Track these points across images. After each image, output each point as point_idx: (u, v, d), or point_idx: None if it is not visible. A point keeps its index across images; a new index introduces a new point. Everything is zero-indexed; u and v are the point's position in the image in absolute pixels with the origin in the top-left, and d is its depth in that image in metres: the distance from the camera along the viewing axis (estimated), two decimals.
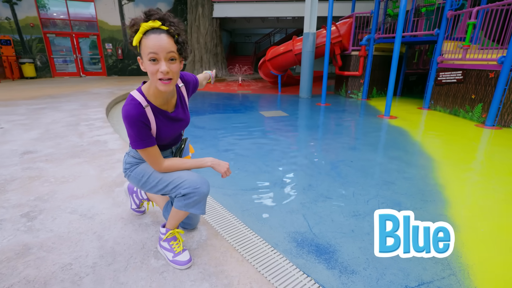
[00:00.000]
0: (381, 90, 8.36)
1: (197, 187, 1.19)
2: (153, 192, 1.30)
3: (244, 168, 2.89)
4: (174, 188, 1.22)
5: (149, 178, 1.27)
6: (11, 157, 2.69)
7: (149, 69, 1.07)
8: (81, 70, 13.10)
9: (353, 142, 3.91)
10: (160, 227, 1.38)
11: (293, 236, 1.78)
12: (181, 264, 1.28)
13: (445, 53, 5.93)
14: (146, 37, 1.04)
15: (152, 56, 1.05)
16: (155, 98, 1.18)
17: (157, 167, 1.24)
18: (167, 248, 1.34)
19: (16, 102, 5.71)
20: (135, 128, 1.13)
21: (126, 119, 1.12)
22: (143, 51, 1.06)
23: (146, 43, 1.04)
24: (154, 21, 1.03)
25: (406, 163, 3.07)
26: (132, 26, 1.04)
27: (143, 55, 1.07)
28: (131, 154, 1.34)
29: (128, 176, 1.34)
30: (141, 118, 1.13)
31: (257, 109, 6.36)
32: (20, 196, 1.92)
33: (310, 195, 2.34)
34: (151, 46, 1.04)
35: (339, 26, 7.91)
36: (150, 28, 1.03)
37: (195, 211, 1.23)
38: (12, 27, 11.48)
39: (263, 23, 14.67)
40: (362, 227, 1.89)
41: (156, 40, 1.03)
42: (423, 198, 2.30)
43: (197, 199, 1.21)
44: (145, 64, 1.08)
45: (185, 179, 1.21)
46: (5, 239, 1.47)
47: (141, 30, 1.03)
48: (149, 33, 1.04)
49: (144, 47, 1.05)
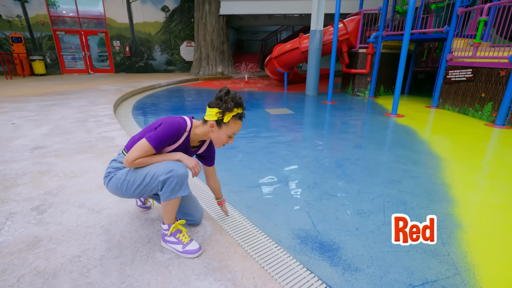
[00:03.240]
0: (389, 88, 8.27)
1: (171, 170, 1.26)
2: (132, 193, 1.34)
3: (250, 165, 2.90)
4: (152, 178, 1.28)
5: (127, 176, 1.33)
6: (22, 152, 2.75)
7: (222, 139, 1.37)
8: (89, 67, 13.28)
9: (359, 140, 3.88)
10: (162, 224, 1.41)
11: (297, 233, 1.79)
12: (193, 252, 1.35)
13: (455, 50, 5.82)
14: (234, 121, 1.33)
15: (233, 135, 1.38)
16: (194, 134, 1.41)
17: (131, 158, 1.28)
18: (174, 241, 1.37)
19: (27, 99, 5.83)
20: (169, 133, 1.30)
21: (172, 123, 1.32)
22: (228, 129, 1.34)
23: (234, 127, 1.35)
24: (241, 109, 1.33)
25: (413, 162, 3.04)
26: (227, 106, 1.29)
27: (226, 129, 1.34)
28: (119, 160, 1.43)
29: (110, 179, 1.38)
30: (178, 134, 1.34)
31: (263, 106, 6.36)
32: (31, 190, 1.97)
33: (314, 192, 2.34)
34: (237, 129, 1.37)
35: (346, 23, 7.83)
36: (237, 113, 1.32)
37: (181, 193, 1.30)
38: (23, 24, 11.69)
39: (270, 20, 14.62)
40: (367, 225, 1.89)
41: (240, 126, 1.37)
42: (430, 198, 2.28)
43: (178, 181, 1.27)
44: (221, 133, 1.35)
45: (159, 167, 1.29)
46: (17, 231, 1.51)
47: (233, 114, 1.31)
48: (236, 118, 1.33)
49: (232, 128, 1.35)
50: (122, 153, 1.43)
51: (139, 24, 13.50)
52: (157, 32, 13.87)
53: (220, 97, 1.30)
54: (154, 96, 7.52)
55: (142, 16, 13.47)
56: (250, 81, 11.61)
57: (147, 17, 13.57)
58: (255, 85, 10.54)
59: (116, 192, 1.38)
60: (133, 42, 13.58)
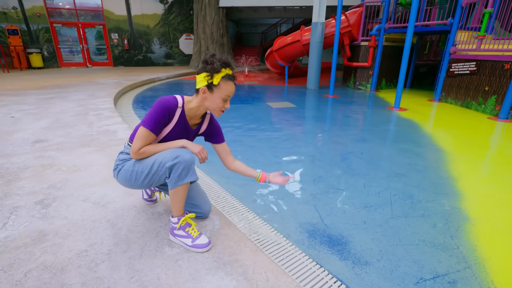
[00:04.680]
0: (390, 82, 8.21)
1: (177, 155, 1.25)
2: (141, 183, 1.33)
3: (253, 159, 2.88)
4: (159, 166, 1.27)
5: (135, 166, 1.32)
6: (23, 146, 2.71)
7: (218, 103, 1.31)
8: (87, 60, 13.12)
9: (363, 134, 3.86)
10: (171, 218, 1.39)
11: (305, 227, 1.77)
12: (202, 247, 1.32)
13: (459, 43, 5.76)
14: (225, 82, 1.28)
15: (227, 98, 1.32)
16: (189, 110, 1.36)
17: (135, 148, 1.28)
18: (183, 235, 1.35)
19: (25, 92, 5.75)
20: (160, 112, 1.26)
21: (160, 102, 1.27)
22: (220, 91, 1.29)
23: (226, 88, 1.29)
24: (229, 69, 1.28)
25: (418, 156, 3.03)
26: (215, 67, 1.25)
27: (218, 92, 1.29)
28: (125, 151, 1.41)
29: (119, 171, 1.37)
30: (170, 110, 1.28)
31: (264, 100, 6.31)
32: (34, 184, 1.94)
33: (320, 186, 2.32)
34: (230, 91, 1.31)
35: (348, 16, 7.73)
36: (226, 74, 1.27)
37: (188, 179, 1.28)
38: (19, 16, 11.49)
39: (270, 12, 14.43)
40: (374, 219, 1.87)
41: (232, 87, 1.32)
42: (436, 191, 2.27)
43: (184, 167, 1.26)
44: (214, 98, 1.30)
45: (165, 154, 1.28)
46: (22, 225, 1.49)
47: (222, 75, 1.26)
48: (226, 79, 1.28)
49: (223, 90, 1.29)
50: (128, 144, 1.41)
51: (137, 17, 13.30)
52: (155, 25, 13.68)
53: (206, 60, 1.26)
54: (154, 90, 7.44)
55: (141, 8, 13.26)
56: (250, 74, 11.52)
57: (146, 9, 13.36)
58: (255, 78, 10.45)
59: (126, 184, 1.37)
60: (131, 35, 13.40)
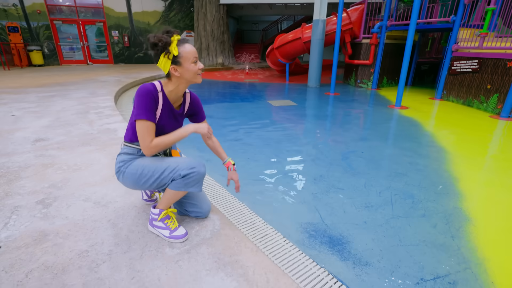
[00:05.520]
0: (392, 80, 8.18)
1: (194, 166, 1.29)
2: (149, 185, 1.34)
3: (254, 158, 2.88)
4: (171, 172, 1.29)
5: (144, 169, 1.32)
6: (23, 144, 2.71)
7: (193, 69, 1.29)
8: (88, 57, 13.09)
9: (364, 132, 3.85)
10: (152, 208, 1.43)
11: (305, 227, 1.77)
12: (179, 238, 1.38)
13: (461, 41, 5.72)
14: (182, 46, 1.25)
15: (195, 59, 1.29)
16: (169, 92, 1.34)
17: (146, 142, 1.27)
18: (162, 226, 1.40)
19: (26, 90, 5.75)
20: (145, 99, 1.25)
21: (140, 91, 1.25)
22: (186, 57, 1.26)
23: (187, 51, 1.26)
24: (176, 35, 1.24)
25: (419, 155, 3.02)
26: (164, 42, 1.21)
27: (185, 60, 1.26)
28: (123, 152, 1.39)
29: (123, 173, 1.36)
30: (154, 94, 1.27)
31: (265, 98, 6.29)
32: (35, 183, 1.94)
33: (321, 185, 2.32)
34: (192, 51, 1.28)
35: (350, 13, 7.68)
36: (177, 40, 1.24)
37: (194, 189, 1.33)
38: (19, 14, 11.45)
39: (271, 9, 14.34)
40: (375, 219, 1.87)
41: (191, 47, 1.28)
42: (437, 191, 2.26)
43: (197, 178, 1.31)
44: (186, 67, 1.27)
45: (181, 162, 1.31)
46: (23, 225, 1.49)
47: (175, 43, 1.22)
48: (181, 43, 1.25)
49: (187, 54, 1.26)
50: (124, 145, 1.40)
51: (137, 14, 13.25)
52: (156, 22, 13.63)
53: (152, 44, 1.22)
54: None
55: (141, 5, 13.20)
56: (251, 72, 11.48)
57: (146, 6, 13.29)
58: (256, 76, 10.42)
59: (132, 186, 1.38)
60: (132, 32, 13.35)
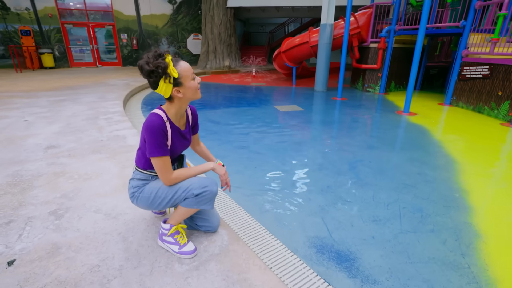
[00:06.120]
0: (400, 84, 8.10)
1: (206, 185, 1.33)
2: (163, 206, 1.39)
3: (261, 167, 2.88)
4: (184, 191, 1.33)
5: (158, 192, 1.37)
6: (36, 152, 2.78)
7: (193, 86, 1.30)
8: (97, 60, 13.30)
9: (371, 140, 3.82)
10: (162, 223, 1.46)
11: (313, 241, 1.77)
12: (188, 254, 1.40)
13: (471, 46, 5.64)
14: (179, 66, 1.25)
15: (193, 75, 1.30)
16: (174, 115, 1.35)
17: (167, 177, 1.32)
18: (171, 242, 1.43)
19: (37, 94, 5.87)
20: (157, 136, 1.26)
21: (149, 127, 1.26)
22: (186, 75, 1.26)
23: (185, 70, 1.26)
24: (167, 55, 1.23)
25: (427, 165, 2.99)
26: (163, 67, 1.19)
27: (185, 79, 1.26)
28: (136, 178, 1.43)
29: (137, 198, 1.41)
30: (162, 128, 1.28)
31: (272, 103, 6.30)
32: (47, 193, 1.99)
33: (328, 197, 2.32)
34: (189, 68, 1.28)
35: (358, 17, 7.65)
36: (172, 60, 1.24)
37: (206, 207, 1.38)
38: (31, 17, 11.71)
39: (278, 12, 14.36)
40: (383, 234, 1.86)
41: (187, 64, 1.28)
42: (446, 204, 2.24)
43: (209, 197, 1.35)
44: (187, 86, 1.27)
45: (193, 182, 1.34)
46: (36, 237, 1.53)
47: (171, 65, 1.21)
48: (176, 63, 1.24)
49: (185, 73, 1.26)
50: (136, 170, 1.44)
51: (146, 17, 13.41)
52: (164, 25, 13.77)
53: (149, 72, 1.18)
54: None
55: (149, 9, 13.36)
56: (258, 75, 11.50)
57: (154, 10, 13.45)
58: (262, 79, 10.43)
59: (146, 208, 1.43)
60: (140, 35, 13.52)
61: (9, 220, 1.67)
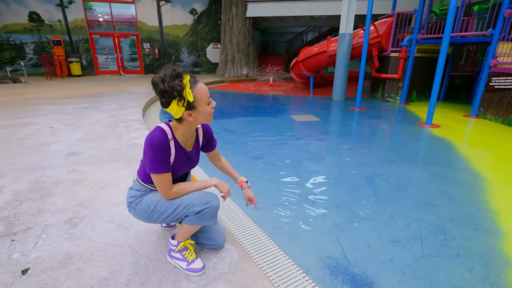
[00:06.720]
0: (422, 94, 7.81)
1: (207, 202, 1.28)
2: (162, 220, 1.35)
3: (275, 179, 2.83)
4: (185, 208, 1.29)
5: (157, 205, 1.31)
6: (58, 158, 2.88)
7: (207, 111, 1.22)
8: (121, 68, 13.86)
9: (390, 153, 3.67)
10: (170, 239, 1.45)
11: (326, 262, 1.69)
12: (196, 271, 1.37)
13: (500, 55, 5.35)
14: (196, 90, 1.16)
15: (209, 100, 1.22)
16: (181, 135, 1.29)
17: (166, 193, 1.28)
18: (179, 258, 1.40)
19: (64, 101, 6.17)
20: (157, 153, 1.20)
21: (151, 143, 1.20)
22: (201, 101, 1.18)
23: (201, 93, 1.18)
24: (186, 75, 1.13)
25: (452, 182, 2.82)
26: (179, 90, 1.10)
27: (200, 104, 1.18)
28: (135, 188, 1.39)
29: (134, 209, 1.37)
30: (165, 145, 1.22)
31: (288, 112, 6.25)
32: (65, 201, 2.04)
33: (344, 214, 2.23)
34: (206, 92, 1.20)
35: (378, 26, 7.51)
36: (189, 82, 1.14)
37: (209, 223, 1.34)
38: (63, 29, 12.44)
39: (297, 21, 14.40)
40: (402, 257, 1.75)
41: (205, 87, 1.19)
42: (473, 226, 2.08)
43: (211, 213, 1.31)
44: (201, 111, 1.20)
45: (194, 198, 1.29)
46: (50, 246, 1.56)
47: (188, 87, 1.12)
48: (193, 84, 1.16)
49: (201, 96, 1.18)
50: (136, 180, 1.40)
51: (168, 27, 13.88)
52: (185, 35, 14.18)
53: (162, 91, 1.10)
54: None
55: (171, 19, 13.83)
56: (275, 83, 11.52)
57: (176, 20, 13.90)
58: (279, 88, 10.43)
59: (144, 220, 1.39)
60: (162, 44, 13.99)
61: (27, 227, 1.73)
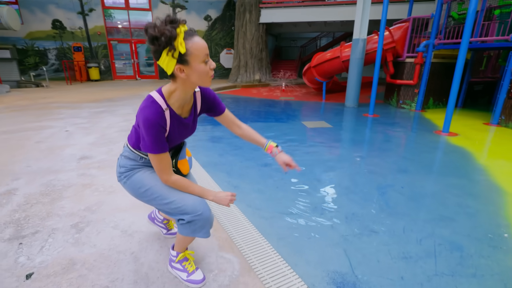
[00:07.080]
0: (439, 101, 7.56)
1: (199, 213, 1.20)
2: (151, 205, 1.29)
3: (283, 187, 2.78)
4: (175, 209, 1.20)
5: (148, 190, 1.24)
6: (70, 162, 2.95)
7: (201, 69, 1.06)
8: (137, 73, 14.24)
9: (404, 163, 3.54)
10: (170, 249, 1.44)
11: (333, 277, 1.63)
12: (196, 283, 1.35)
13: None
14: (191, 41, 1.02)
15: (206, 57, 1.06)
16: (175, 101, 1.15)
17: (164, 176, 1.19)
18: (180, 268, 1.39)
19: (81, 105, 6.37)
20: (153, 132, 1.09)
21: (146, 122, 1.07)
22: (195, 55, 1.03)
23: (197, 48, 1.03)
24: (182, 25, 1.00)
25: (469, 195, 2.67)
26: (168, 36, 0.96)
27: (194, 59, 1.03)
28: (124, 155, 1.28)
29: (124, 182, 1.29)
30: (161, 121, 1.10)
31: (300, 118, 6.19)
32: (73, 205, 2.07)
33: (353, 226, 2.15)
34: (204, 47, 1.05)
35: (393, 31, 7.37)
36: (184, 32, 1.01)
37: (201, 235, 1.26)
38: (83, 35, 12.96)
39: (310, 27, 14.37)
40: (414, 274, 1.66)
41: (202, 42, 1.04)
42: (492, 244, 1.96)
43: (202, 224, 1.23)
44: (194, 68, 1.05)
45: (186, 203, 1.19)
46: (56, 251, 1.57)
47: (181, 37, 0.99)
48: (188, 36, 1.02)
49: (197, 51, 1.03)
50: (127, 146, 1.30)
51: None
52: None
53: (152, 37, 0.98)
54: None
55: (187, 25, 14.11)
56: (287, 89, 11.48)
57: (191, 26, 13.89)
58: (292, 93, 10.38)
59: (134, 194, 1.30)
60: None
61: (35, 231, 1.76)
